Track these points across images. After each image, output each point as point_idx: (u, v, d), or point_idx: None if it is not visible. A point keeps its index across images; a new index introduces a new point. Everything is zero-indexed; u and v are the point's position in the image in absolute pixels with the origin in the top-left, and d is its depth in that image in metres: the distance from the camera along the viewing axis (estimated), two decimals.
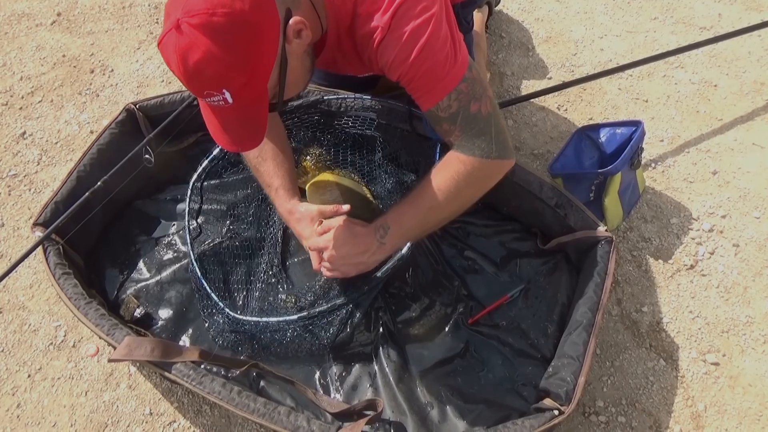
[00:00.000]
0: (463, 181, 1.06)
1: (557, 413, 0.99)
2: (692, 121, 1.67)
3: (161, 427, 1.28)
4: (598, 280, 1.15)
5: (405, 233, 1.13)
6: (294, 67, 0.96)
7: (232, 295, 1.34)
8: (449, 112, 1.02)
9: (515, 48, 1.89)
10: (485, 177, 1.09)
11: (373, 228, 1.14)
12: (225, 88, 0.87)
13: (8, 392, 1.35)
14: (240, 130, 0.97)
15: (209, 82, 0.87)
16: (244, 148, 0.99)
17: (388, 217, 1.13)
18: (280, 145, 1.28)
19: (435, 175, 1.09)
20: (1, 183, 1.72)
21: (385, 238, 1.13)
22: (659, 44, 1.85)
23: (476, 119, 1.03)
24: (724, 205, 1.50)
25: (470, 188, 1.09)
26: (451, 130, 1.04)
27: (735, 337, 1.31)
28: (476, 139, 1.04)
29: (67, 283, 1.21)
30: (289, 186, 1.25)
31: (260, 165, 1.27)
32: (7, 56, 2.05)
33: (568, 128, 1.68)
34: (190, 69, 0.85)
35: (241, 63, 0.86)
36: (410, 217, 1.11)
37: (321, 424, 1.02)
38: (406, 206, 1.12)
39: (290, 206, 1.23)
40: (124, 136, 1.45)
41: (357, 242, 1.14)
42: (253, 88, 0.90)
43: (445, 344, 1.26)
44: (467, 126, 1.03)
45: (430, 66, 0.98)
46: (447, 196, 1.08)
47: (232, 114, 0.94)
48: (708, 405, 1.23)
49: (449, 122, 1.03)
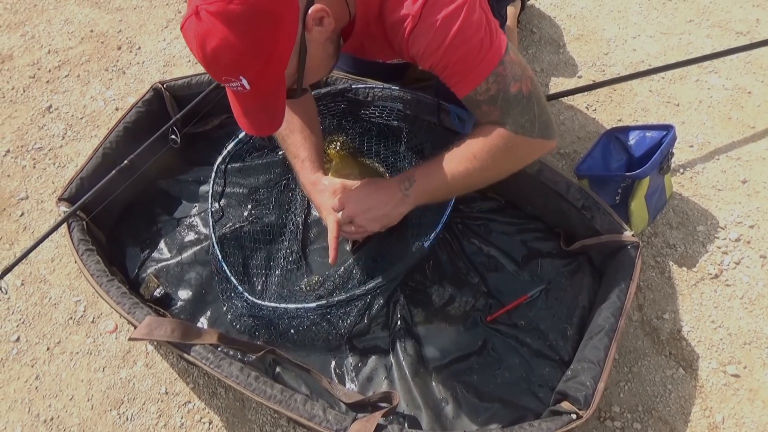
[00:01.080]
0: (501, 155, 1.05)
1: (575, 417, 0.99)
2: (723, 128, 1.64)
3: (176, 406, 1.29)
4: (623, 285, 1.13)
5: (430, 191, 1.11)
6: (314, 55, 0.96)
7: (251, 280, 1.35)
8: (488, 95, 1.00)
9: (546, 44, 1.86)
10: (525, 154, 1.08)
11: (398, 179, 1.13)
12: (241, 74, 0.88)
13: (27, 364, 1.37)
14: (259, 115, 0.98)
15: (226, 68, 0.88)
16: (262, 133, 1.01)
17: (416, 171, 1.12)
18: (309, 118, 1.27)
19: (472, 142, 1.06)
20: (26, 156, 1.73)
21: (409, 190, 1.11)
22: (693, 47, 1.82)
23: (517, 99, 1.01)
24: (753, 215, 1.47)
25: (507, 162, 1.08)
26: (492, 111, 1.02)
27: (757, 350, 1.29)
28: (519, 118, 1.02)
29: (90, 260, 1.22)
30: (315, 158, 1.25)
31: (288, 136, 1.26)
32: (35, 29, 2.06)
33: (596, 129, 1.66)
34: (208, 55, 0.86)
35: (257, 51, 0.86)
36: (439, 176, 1.09)
37: (336, 414, 1.02)
38: (436, 165, 1.09)
39: (314, 178, 1.23)
40: (150, 115, 1.45)
41: (379, 192, 1.13)
42: (269, 76, 0.90)
43: (462, 341, 1.25)
44: (508, 106, 1.01)
45: (464, 53, 0.96)
46: (482, 165, 1.05)
47: (250, 99, 0.95)
48: (726, 417, 1.22)
49: (489, 104, 1.01)
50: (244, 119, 0.99)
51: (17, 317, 1.43)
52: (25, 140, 1.77)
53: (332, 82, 1.44)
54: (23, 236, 1.56)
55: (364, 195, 1.15)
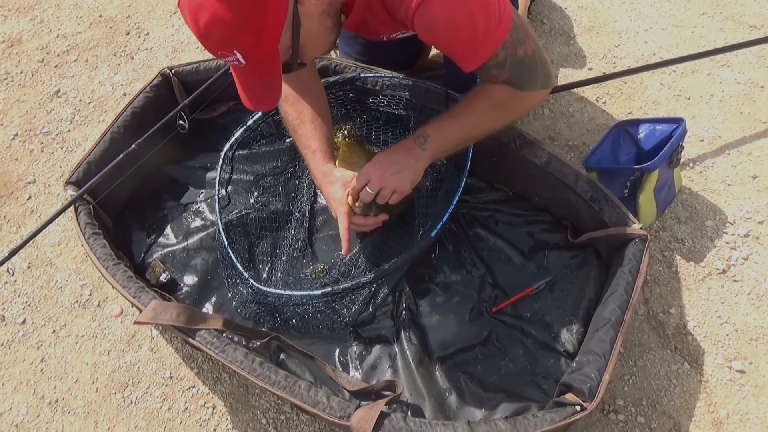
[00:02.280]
0: (509, 109, 1.13)
1: (579, 409, 0.98)
2: (735, 122, 1.62)
3: (180, 391, 1.29)
4: (630, 278, 1.12)
5: (445, 143, 1.15)
6: (309, 28, 0.95)
7: (257, 267, 1.35)
8: (496, 61, 1.02)
9: (556, 35, 1.85)
10: (530, 105, 1.17)
11: (412, 138, 1.15)
12: (235, 48, 0.88)
13: (33, 346, 1.37)
14: (257, 90, 0.99)
15: (219, 43, 0.88)
16: (260, 107, 1.02)
17: (429, 127, 1.14)
18: (320, 108, 1.27)
19: (480, 97, 1.12)
20: (35, 139, 1.74)
21: (425, 145, 1.14)
22: (706, 41, 1.80)
23: (523, 61, 1.05)
24: (762, 210, 1.45)
25: (514, 114, 1.16)
26: (500, 74, 1.06)
27: (763, 346, 1.28)
28: (526, 77, 1.08)
29: (96, 244, 1.22)
30: (326, 149, 1.25)
31: (299, 127, 1.26)
32: (44, 13, 2.06)
33: (606, 121, 1.64)
34: (202, 30, 0.87)
35: (248, 25, 0.86)
36: (452, 130, 1.14)
37: (340, 401, 1.02)
38: (450, 120, 1.14)
39: (326, 169, 1.23)
40: (158, 101, 1.45)
41: (398, 151, 1.15)
42: (262, 50, 0.90)
43: (467, 331, 1.25)
44: (516, 68, 1.05)
45: (473, 30, 0.97)
46: (492, 118, 1.13)
47: (248, 74, 0.96)
48: (731, 412, 1.21)
49: (497, 69, 1.05)
50: (244, 94, 1.00)
51: (23, 300, 1.44)
52: (33, 124, 1.77)
53: (341, 71, 1.43)
54: (30, 219, 1.57)
55: (383, 158, 1.15)
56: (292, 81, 1.26)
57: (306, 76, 1.27)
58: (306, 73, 1.27)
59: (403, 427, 0.97)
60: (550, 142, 1.62)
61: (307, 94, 1.26)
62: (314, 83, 1.30)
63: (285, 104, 1.27)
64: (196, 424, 1.25)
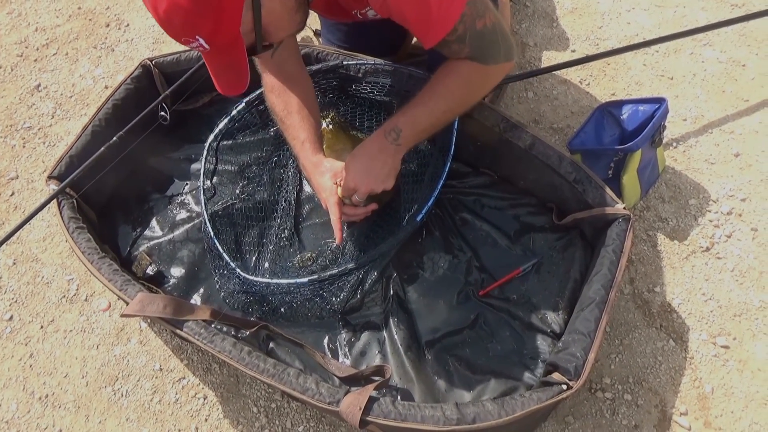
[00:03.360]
0: (476, 86, 1.13)
1: (565, 388, 0.99)
2: (717, 101, 1.63)
3: (170, 383, 1.29)
4: (613, 258, 1.13)
5: (417, 132, 1.15)
6: (271, 9, 0.94)
7: (244, 257, 1.35)
8: (456, 35, 1.02)
9: (539, 18, 1.84)
10: (495, 80, 1.15)
11: (382, 134, 1.14)
12: (196, 34, 0.88)
13: (21, 342, 1.37)
14: (226, 75, 0.99)
15: (180, 29, 0.88)
16: (232, 92, 1.02)
17: (399, 120, 1.14)
18: (306, 98, 1.26)
19: (446, 78, 1.11)
20: (16, 135, 1.72)
21: (399, 140, 1.14)
22: (688, 20, 1.80)
23: (484, 34, 1.04)
24: (745, 188, 1.47)
25: (481, 91, 1.16)
26: (462, 49, 1.06)
27: (747, 322, 1.30)
28: (487, 50, 1.07)
29: (80, 238, 1.22)
30: (315, 139, 1.24)
31: (286, 118, 1.25)
32: (22, 6, 2.03)
33: (590, 103, 1.65)
34: (162, 18, 0.86)
35: (205, 9, 0.86)
36: (423, 117, 1.13)
37: (329, 387, 1.02)
38: (418, 108, 1.13)
39: (316, 159, 1.23)
40: (139, 92, 1.43)
41: (373, 155, 1.15)
42: (224, 33, 0.90)
43: (454, 315, 1.26)
44: (477, 42, 1.05)
45: (427, 3, 0.97)
46: (460, 97, 1.13)
47: (215, 59, 0.96)
48: (715, 387, 1.23)
49: (459, 43, 1.04)
50: (217, 80, 1.00)
51: (10, 296, 1.43)
52: (14, 119, 1.75)
53: (324, 58, 1.42)
54: (14, 216, 1.56)
55: (360, 166, 1.15)
56: (277, 71, 1.25)
57: (291, 66, 1.26)
58: (291, 63, 1.26)
59: (392, 410, 0.98)
60: (534, 125, 1.62)
61: (292, 84, 1.25)
62: (300, 73, 1.29)
63: (271, 95, 1.27)
64: (188, 415, 1.26)
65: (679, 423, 1.20)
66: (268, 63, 1.25)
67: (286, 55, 1.24)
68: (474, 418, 0.96)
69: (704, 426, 1.20)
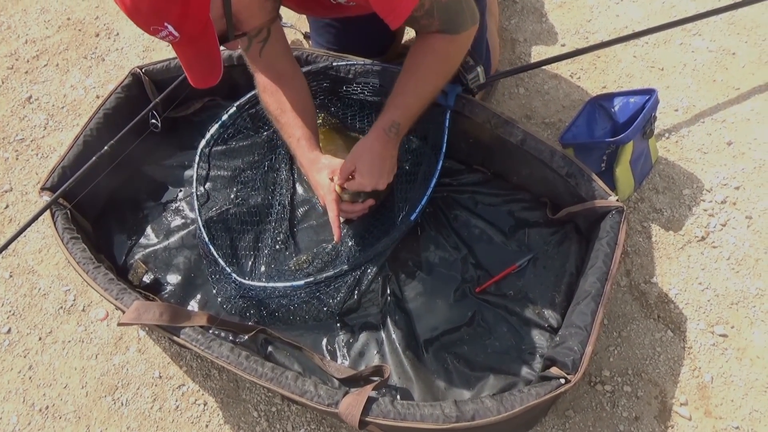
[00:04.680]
0: (454, 58, 1.17)
1: (564, 382, 0.99)
2: (708, 91, 1.63)
3: (170, 390, 1.29)
4: (608, 250, 1.13)
5: (412, 119, 1.18)
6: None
7: (240, 261, 1.35)
8: (423, 10, 1.04)
9: (528, 13, 1.84)
10: (468, 44, 1.17)
11: (382, 129, 1.16)
12: (165, 21, 0.87)
13: (20, 354, 1.37)
14: (199, 66, 0.99)
15: (148, 16, 0.86)
16: (205, 84, 1.01)
17: (394, 113, 1.15)
18: (300, 96, 1.27)
19: (426, 60, 1.14)
20: (9, 147, 1.72)
21: (399, 132, 1.17)
22: (677, 11, 1.80)
23: (449, 5, 1.06)
24: (738, 176, 1.47)
25: (458, 59, 1.19)
26: (431, 23, 1.08)
27: (744, 310, 1.30)
28: (456, 19, 1.09)
29: (75, 248, 1.22)
30: (311, 136, 1.25)
31: (281, 116, 1.25)
32: (11, 18, 2.03)
33: (581, 96, 1.65)
34: (129, 6, 0.86)
35: None
36: (414, 103, 1.16)
37: (328, 389, 1.02)
38: (408, 97, 1.16)
39: (313, 156, 1.23)
40: (130, 101, 1.43)
41: (378, 152, 1.16)
42: (193, 18, 0.89)
43: (452, 313, 1.26)
44: (444, 13, 1.07)
45: None
46: (443, 75, 1.17)
47: (186, 49, 0.95)
48: (715, 376, 1.23)
49: (427, 18, 1.06)
50: (190, 72, 1.00)
51: (7, 309, 1.43)
52: (7, 132, 1.75)
53: (313, 60, 1.42)
54: (9, 228, 1.56)
55: (371, 165, 1.16)
56: (267, 70, 1.25)
57: (282, 64, 1.26)
58: (282, 61, 1.26)
59: (391, 410, 0.98)
60: (526, 121, 1.62)
61: (285, 82, 1.26)
62: (292, 71, 1.29)
63: (264, 95, 1.27)
64: (188, 422, 1.26)
65: (679, 413, 1.20)
66: (258, 62, 1.25)
67: (276, 53, 1.24)
68: (473, 415, 0.96)
69: (705, 415, 1.20)
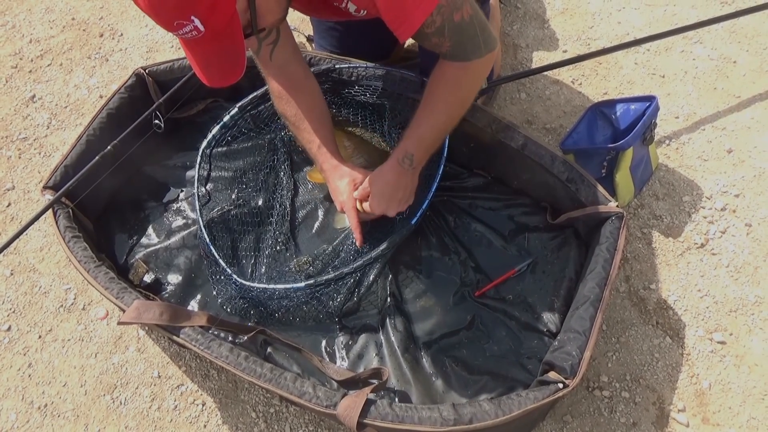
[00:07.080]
0: (467, 86, 1.14)
1: (562, 386, 1.00)
2: (709, 98, 1.64)
3: (169, 389, 1.30)
4: (608, 256, 1.14)
5: (429, 150, 1.19)
6: None
7: (240, 262, 1.35)
8: (434, 27, 1.03)
9: (530, 19, 1.85)
10: (483, 73, 1.15)
11: (396, 160, 1.17)
12: (192, 14, 0.83)
13: (20, 352, 1.37)
14: (221, 63, 0.95)
15: (173, 10, 0.83)
16: (227, 82, 0.97)
17: (408, 144, 1.16)
18: (316, 102, 1.28)
19: (438, 90, 1.13)
20: (12, 146, 1.72)
21: (413, 164, 1.17)
22: (678, 18, 1.81)
23: (461, 27, 1.05)
24: (738, 184, 1.47)
25: (474, 89, 1.16)
26: (441, 42, 1.06)
27: (743, 317, 1.30)
28: (468, 44, 1.07)
29: (77, 246, 1.22)
30: (330, 142, 1.26)
31: (300, 122, 1.26)
32: (16, 18, 2.04)
33: (582, 102, 1.65)
34: (154, 1, 0.82)
35: None
36: (429, 135, 1.16)
37: (326, 391, 1.03)
38: (422, 128, 1.15)
39: (335, 163, 1.24)
40: (133, 101, 1.44)
41: (392, 182, 1.18)
42: (221, 10, 0.86)
43: (451, 316, 1.26)
44: (456, 35, 1.05)
45: None
46: (457, 104, 1.15)
47: (208, 46, 0.91)
48: (713, 383, 1.23)
49: (437, 36, 1.05)
50: (207, 72, 0.96)
51: (8, 307, 1.43)
52: (10, 131, 1.76)
53: (316, 63, 1.43)
54: (11, 226, 1.56)
55: (383, 195, 1.18)
56: (282, 77, 1.25)
57: (294, 69, 1.26)
58: (293, 65, 1.25)
59: (389, 412, 0.98)
60: (527, 126, 1.63)
61: (299, 88, 1.26)
62: (304, 74, 1.28)
63: (280, 102, 1.27)
64: (186, 422, 1.26)
65: (677, 419, 1.20)
66: (270, 67, 1.24)
67: (287, 55, 1.23)
68: (471, 419, 0.96)
69: (702, 422, 1.20)
